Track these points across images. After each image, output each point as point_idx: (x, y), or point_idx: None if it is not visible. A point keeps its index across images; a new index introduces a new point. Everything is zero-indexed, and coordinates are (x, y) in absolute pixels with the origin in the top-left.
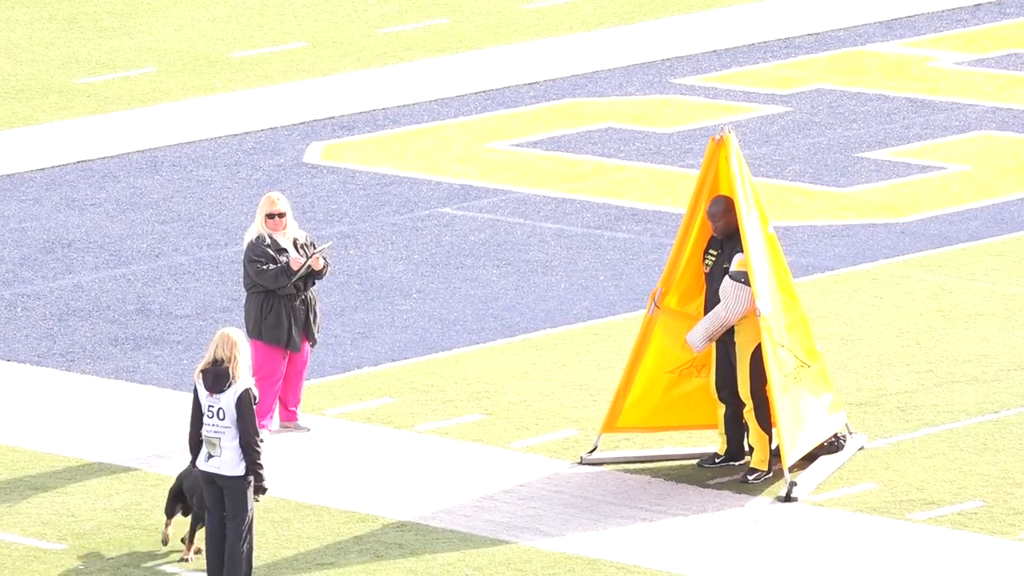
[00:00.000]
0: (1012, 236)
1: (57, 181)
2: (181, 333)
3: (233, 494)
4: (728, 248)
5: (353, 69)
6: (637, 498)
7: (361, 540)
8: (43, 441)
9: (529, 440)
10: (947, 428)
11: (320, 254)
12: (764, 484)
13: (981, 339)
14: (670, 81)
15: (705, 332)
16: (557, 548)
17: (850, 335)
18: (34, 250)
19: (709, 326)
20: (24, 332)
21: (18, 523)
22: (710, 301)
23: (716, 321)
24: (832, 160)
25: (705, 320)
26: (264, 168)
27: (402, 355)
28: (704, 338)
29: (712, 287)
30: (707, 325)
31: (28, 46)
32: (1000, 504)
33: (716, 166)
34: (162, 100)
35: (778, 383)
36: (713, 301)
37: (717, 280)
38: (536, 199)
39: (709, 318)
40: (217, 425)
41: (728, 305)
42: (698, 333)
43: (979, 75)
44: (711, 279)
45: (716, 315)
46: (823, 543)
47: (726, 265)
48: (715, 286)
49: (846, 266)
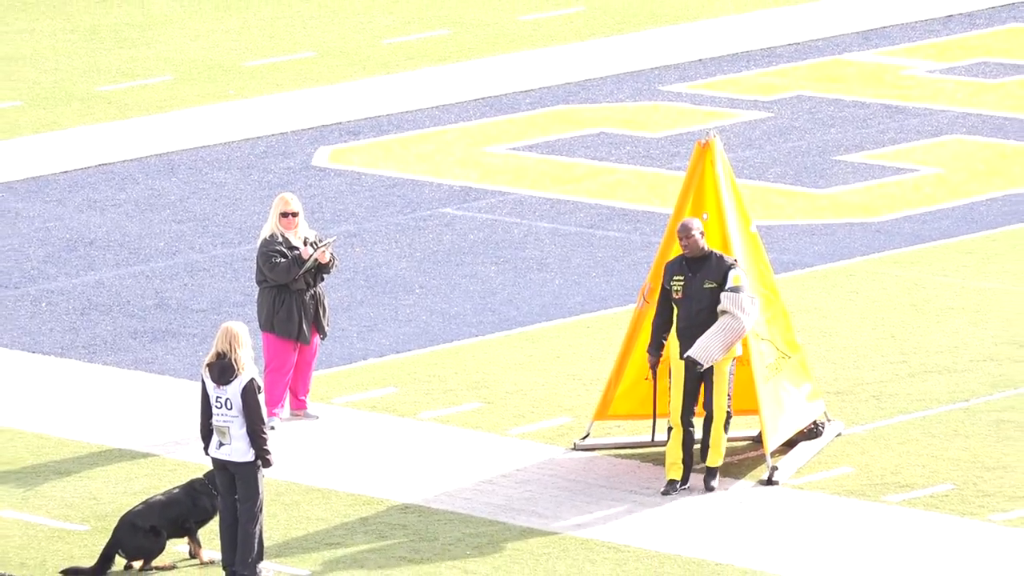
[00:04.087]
0: (981, 235)
1: (79, 183)
2: (197, 326)
3: (244, 479)
4: (701, 269)
5: (359, 77)
6: (627, 482)
7: (367, 521)
8: (67, 428)
9: (525, 427)
10: (920, 416)
11: (325, 248)
12: (746, 468)
13: (952, 332)
14: (658, 88)
15: (721, 345)
16: (551, 529)
17: (828, 328)
18: (58, 248)
19: (724, 338)
20: (49, 326)
21: (44, 505)
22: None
23: (732, 332)
24: (811, 163)
25: (717, 334)
26: (275, 171)
27: (405, 347)
28: (721, 351)
29: (688, 308)
30: (721, 338)
31: (52, 56)
32: (970, 487)
33: (702, 169)
34: (178, 107)
35: (760, 373)
36: (700, 321)
37: (693, 300)
38: (532, 200)
39: (721, 331)
40: (226, 415)
41: (747, 314)
42: (712, 348)
43: (950, 82)
44: (686, 301)
45: (731, 327)
46: (803, 524)
47: (709, 284)
48: (693, 306)
49: (824, 263)
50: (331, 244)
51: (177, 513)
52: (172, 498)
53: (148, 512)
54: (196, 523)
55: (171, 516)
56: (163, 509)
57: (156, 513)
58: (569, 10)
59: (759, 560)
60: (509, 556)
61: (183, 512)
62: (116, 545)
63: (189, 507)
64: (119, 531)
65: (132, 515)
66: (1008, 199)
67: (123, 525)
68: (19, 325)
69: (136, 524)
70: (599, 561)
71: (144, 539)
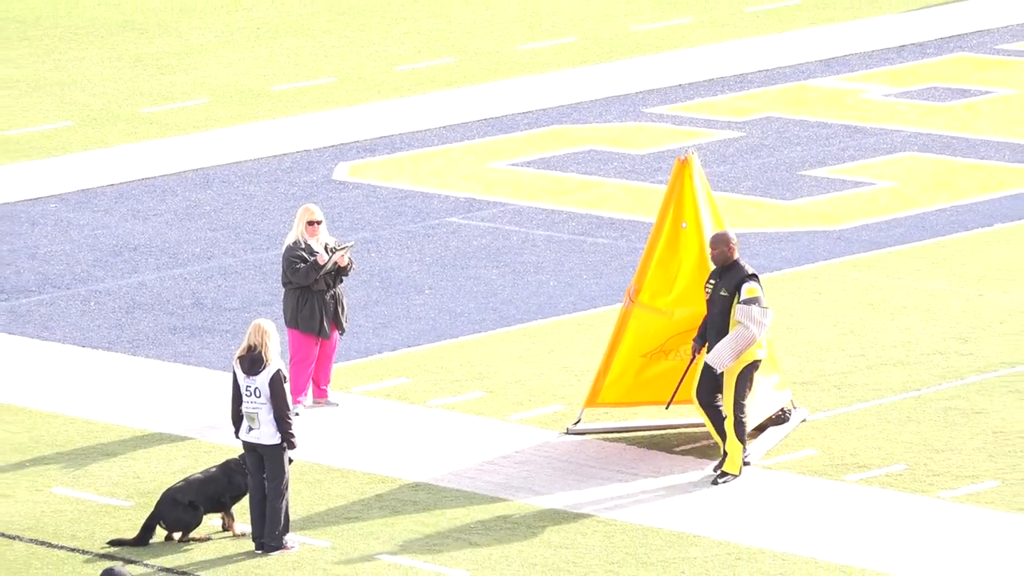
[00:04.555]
0: (931, 242)
1: (125, 195)
2: (230, 323)
3: (271, 460)
4: (725, 277)
5: (375, 100)
6: (615, 462)
7: (382, 498)
8: (113, 415)
9: (523, 414)
10: (876, 403)
11: (344, 252)
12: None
13: (905, 328)
14: (642, 110)
15: (732, 351)
16: (547, 505)
17: (794, 325)
18: (105, 253)
19: (735, 346)
20: (96, 323)
21: (92, 483)
22: (711, 324)
23: (742, 340)
24: (779, 177)
25: (729, 341)
26: (299, 184)
27: (416, 342)
28: (732, 357)
29: (711, 310)
30: (732, 345)
31: (100, 81)
32: (921, 467)
33: (681, 182)
34: (213, 127)
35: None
36: (715, 323)
37: (716, 304)
38: (529, 210)
39: (734, 339)
40: (255, 402)
41: (757, 324)
42: (724, 355)
43: (904, 105)
44: (711, 303)
45: (742, 336)
46: (772, 500)
47: (724, 292)
48: (712, 310)
49: (791, 267)
50: (349, 248)
51: (214, 490)
52: (210, 476)
53: (187, 488)
54: (231, 499)
55: (208, 492)
56: (201, 486)
57: (195, 489)
58: (562, 40)
59: (733, 532)
60: (508, 529)
61: (219, 489)
62: (158, 517)
63: (225, 484)
64: (161, 505)
65: (173, 491)
66: (955, 210)
67: (165, 500)
68: (71, 322)
69: (176, 499)
70: (589, 534)
71: (183, 513)
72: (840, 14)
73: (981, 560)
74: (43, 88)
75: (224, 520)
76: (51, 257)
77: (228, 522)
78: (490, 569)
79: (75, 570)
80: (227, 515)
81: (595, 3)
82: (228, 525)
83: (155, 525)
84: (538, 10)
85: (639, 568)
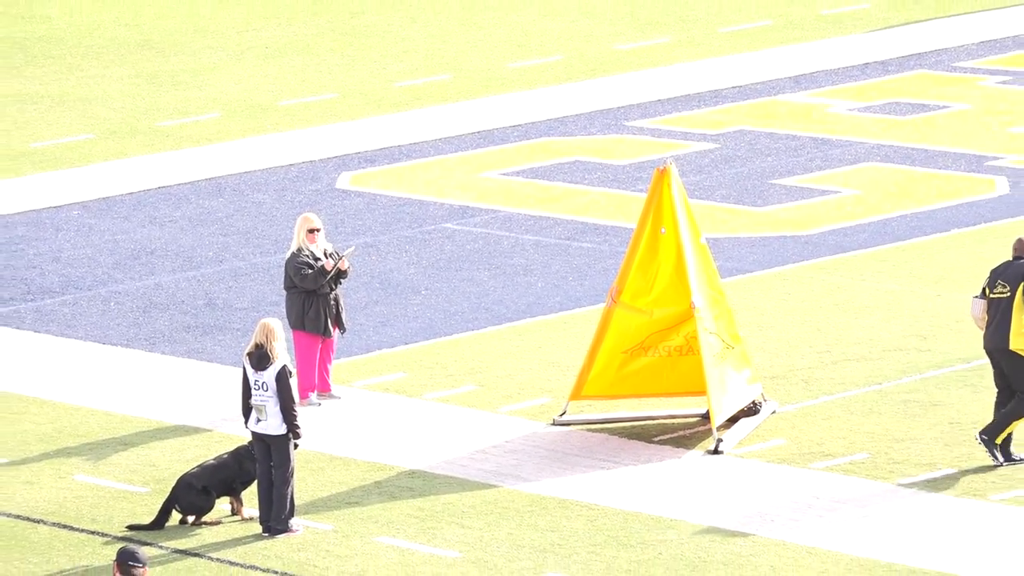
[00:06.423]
0: (893, 246)
1: (142, 203)
2: (240, 322)
3: (278, 448)
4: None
5: (375, 115)
6: (597, 451)
7: (380, 484)
8: (131, 407)
9: (513, 406)
10: (841, 396)
11: (346, 257)
12: (696, 440)
13: (868, 326)
14: (624, 124)
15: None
16: (534, 491)
17: (765, 323)
18: (124, 257)
19: None
20: (116, 321)
21: (111, 471)
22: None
23: None
24: (751, 186)
25: None
26: (305, 192)
27: (413, 339)
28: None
29: None
30: None
31: (119, 97)
32: (882, 455)
33: (660, 191)
34: (225, 139)
35: (708, 361)
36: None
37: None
38: (519, 217)
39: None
40: (263, 395)
41: None
42: None
43: (867, 119)
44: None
45: None
46: (743, 486)
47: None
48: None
49: (762, 269)
50: (350, 253)
51: (225, 475)
52: (222, 463)
53: (201, 474)
54: (242, 484)
55: (220, 478)
56: (214, 472)
57: (208, 475)
58: (549, 59)
59: (708, 516)
60: (499, 513)
61: (231, 475)
62: (174, 501)
63: (236, 470)
64: (177, 489)
65: (189, 476)
66: (915, 216)
67: (181, 484)
68: (91, 321)
69: (192, 484)
70: (574, 517)
71: (197, 497)
72: (808, 34)
73: (937, 541)
74: (67, 103)
75: (233, 505)
76: (74, 260)
77: (237, 507)
78: (481, 550)
79: (95, 551)
80: (236, 500)
81: (580, 24)
82: (237, 510)
83: (171, 508)
84: (527, 30)
85: (620, 549)
